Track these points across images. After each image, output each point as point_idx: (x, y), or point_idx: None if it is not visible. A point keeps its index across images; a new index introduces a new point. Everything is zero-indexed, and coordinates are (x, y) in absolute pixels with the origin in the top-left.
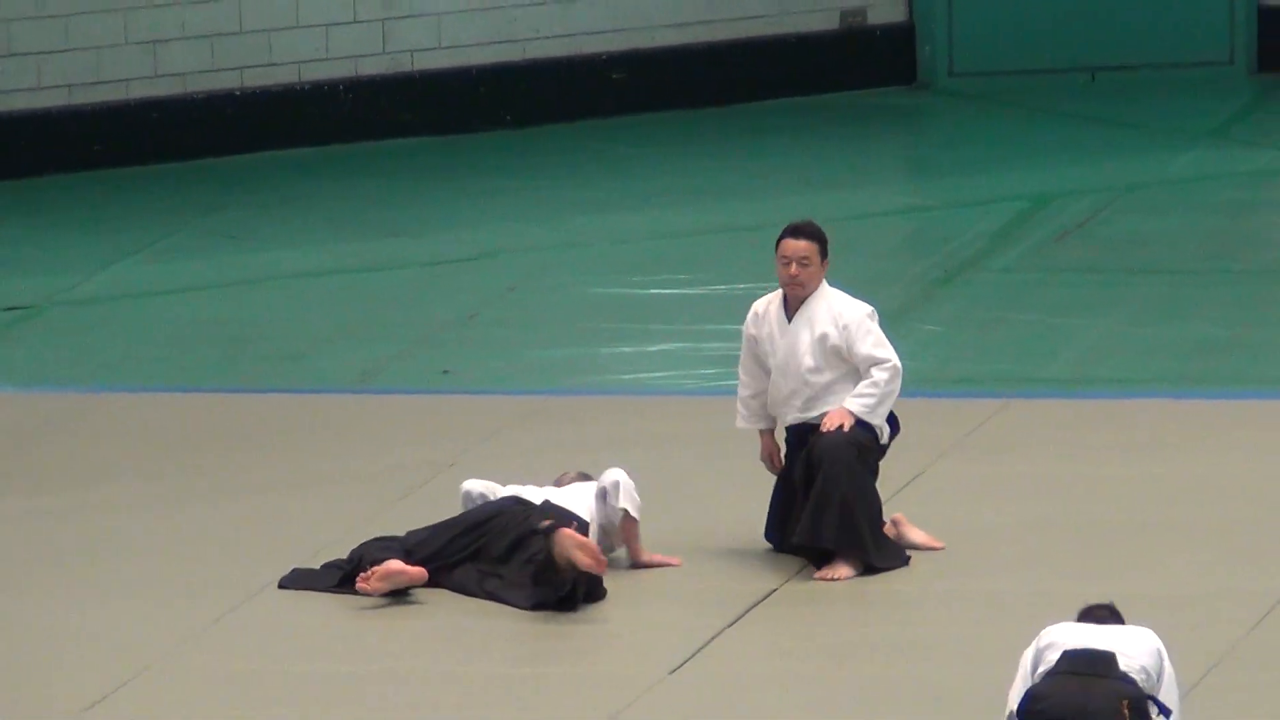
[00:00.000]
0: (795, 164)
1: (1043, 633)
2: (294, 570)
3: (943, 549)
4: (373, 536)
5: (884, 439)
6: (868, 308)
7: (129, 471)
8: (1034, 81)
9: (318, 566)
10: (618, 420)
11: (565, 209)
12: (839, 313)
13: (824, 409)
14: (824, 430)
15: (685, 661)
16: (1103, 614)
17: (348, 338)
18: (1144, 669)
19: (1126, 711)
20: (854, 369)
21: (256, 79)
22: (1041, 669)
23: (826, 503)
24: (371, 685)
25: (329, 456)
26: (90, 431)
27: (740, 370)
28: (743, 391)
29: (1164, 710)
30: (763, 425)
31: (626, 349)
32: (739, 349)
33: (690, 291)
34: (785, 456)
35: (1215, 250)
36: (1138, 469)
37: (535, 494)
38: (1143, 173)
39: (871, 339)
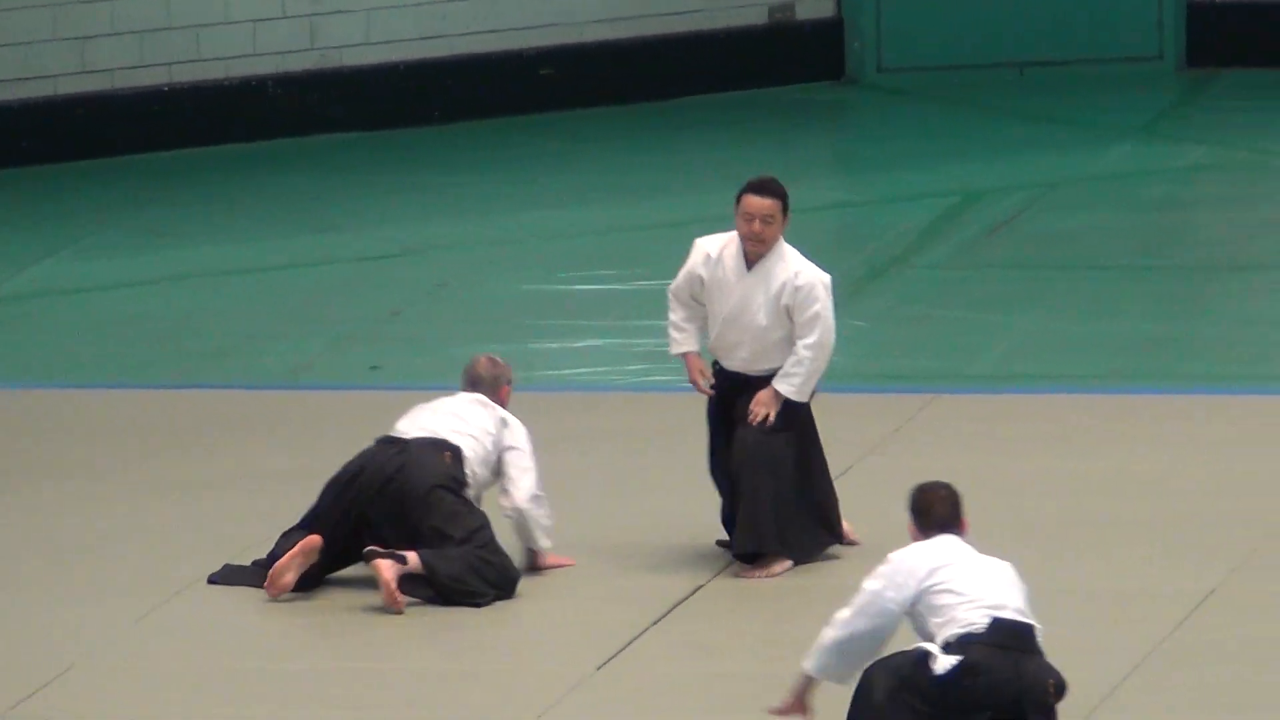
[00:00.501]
0: (724, 159)
1: (921, 557)
2: (225, 566)
3: (860, 544)
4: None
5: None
6: (825, 277)
7: (59, 468)
8: (963, 77)
9: (248, 564)
10: (546, 416)
11: (494, 205)
12: (796, 273)
13: (768, 365)
14: (749, 422)
15: (612, 658)
16: (945, 511)
17: (278, 333)
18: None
19: (1052, 692)
20: None
21: (184, 75)
22: (955, 631)
23: (758, 509)
24: (296, 681)
25: (260, 453)
26: (17, 427)
27: (673, 298)
28: (673, 316)
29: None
30: (696, 348)
31: (555, 345)
32: (665, 346)
33: (619, 287)
34: (715, 387)
35: (1144, 246)
36: (1064, 464)
37: (417, 421)
38: (1072, 168)
39: (815, 308)
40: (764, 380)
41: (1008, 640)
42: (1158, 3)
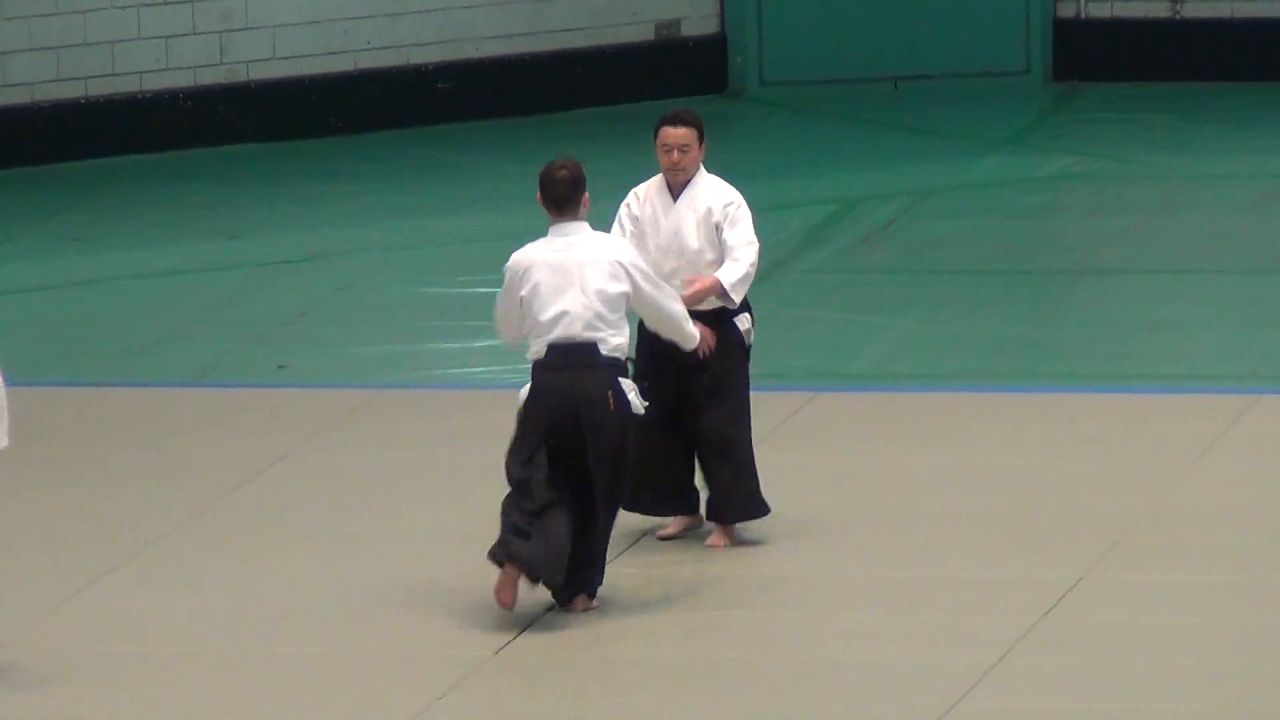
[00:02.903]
0: (612, 169)
1: (518, 274)
2: None
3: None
4: None
5: (750, 340)
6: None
7: None
8: (841, 90)
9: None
10: (443, 413)
11: (393, 212)
12: (721, 193)
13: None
14: (687, 295)
15: (510, 641)
16: (561, 191)
17: (186, 335)
18: (612, 310)
19: (612, 401)
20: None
21: (100, 88)
22: (529, 359)
23: (736, 477)
24: (204, 666)
25: (167, 448)
26: None
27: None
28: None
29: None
30: None
31: (452, 345)
32: None
33: None
34: (644, 362)
35: (1011, 252)
36: (937, 459)
37: None
38: (943, 178)
39: (744, 223)
40: (701, 318)
41: (562, 360)
42: (1025, 19)
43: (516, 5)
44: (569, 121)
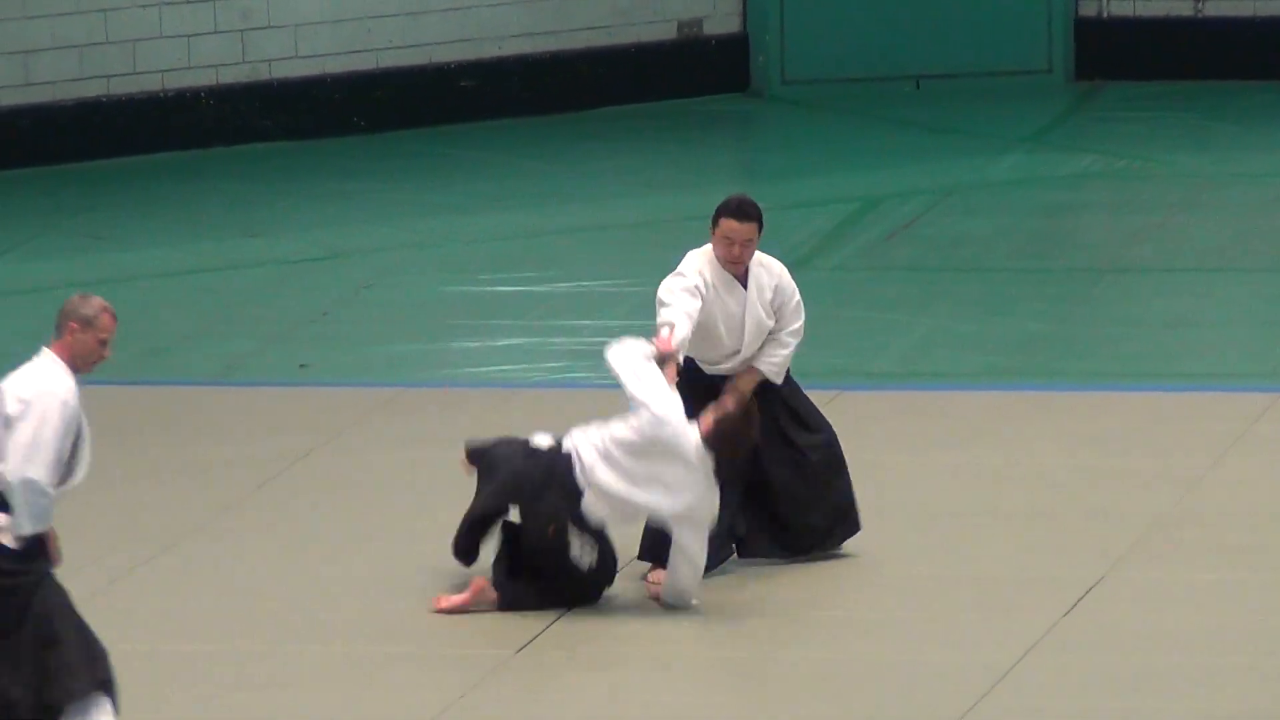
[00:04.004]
0: (635, 168)
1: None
2: None
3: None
4: None
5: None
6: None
7: None
8: (862, 89)
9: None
10: (466, 412)
11: (416, 211)
12: (778, 275)
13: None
14: (741, 388)
15: (531, 641)
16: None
17: (209, 333)
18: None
19: (551, 533)
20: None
21: (122, 87)
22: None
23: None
24: (226, 664)
25: (191, 446)
26: None
27: (694, 293)
28: (690, 308)
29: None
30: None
31: (475, 344)
32: (582, 344)
33: (536, 289)
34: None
35: (1033, 250)
36: (959, 457)
37: None
38: (965, 176)
39: (796, 296)
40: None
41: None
42: (1047, 18)
43: (539, 4)
44: (591, 120)
